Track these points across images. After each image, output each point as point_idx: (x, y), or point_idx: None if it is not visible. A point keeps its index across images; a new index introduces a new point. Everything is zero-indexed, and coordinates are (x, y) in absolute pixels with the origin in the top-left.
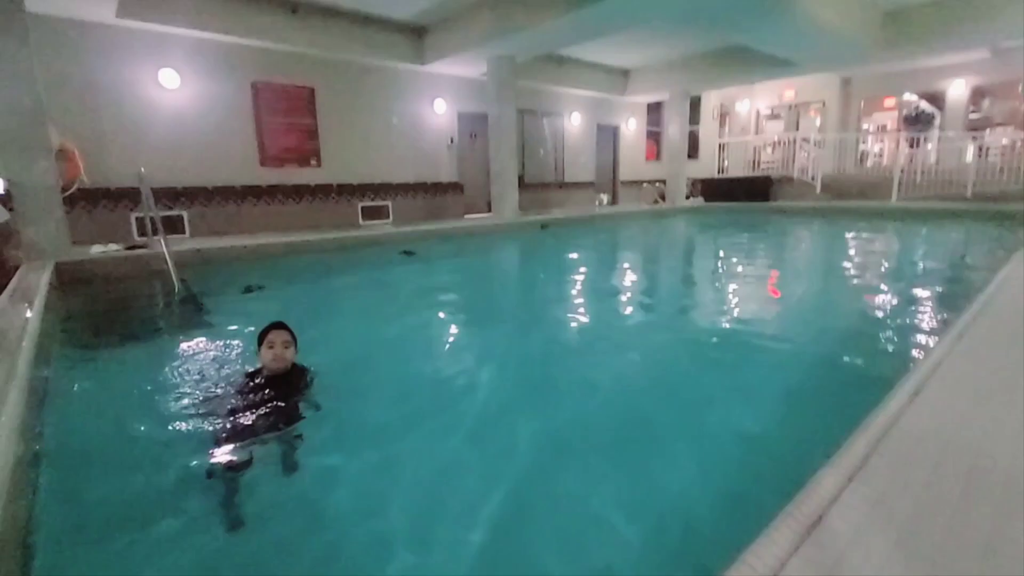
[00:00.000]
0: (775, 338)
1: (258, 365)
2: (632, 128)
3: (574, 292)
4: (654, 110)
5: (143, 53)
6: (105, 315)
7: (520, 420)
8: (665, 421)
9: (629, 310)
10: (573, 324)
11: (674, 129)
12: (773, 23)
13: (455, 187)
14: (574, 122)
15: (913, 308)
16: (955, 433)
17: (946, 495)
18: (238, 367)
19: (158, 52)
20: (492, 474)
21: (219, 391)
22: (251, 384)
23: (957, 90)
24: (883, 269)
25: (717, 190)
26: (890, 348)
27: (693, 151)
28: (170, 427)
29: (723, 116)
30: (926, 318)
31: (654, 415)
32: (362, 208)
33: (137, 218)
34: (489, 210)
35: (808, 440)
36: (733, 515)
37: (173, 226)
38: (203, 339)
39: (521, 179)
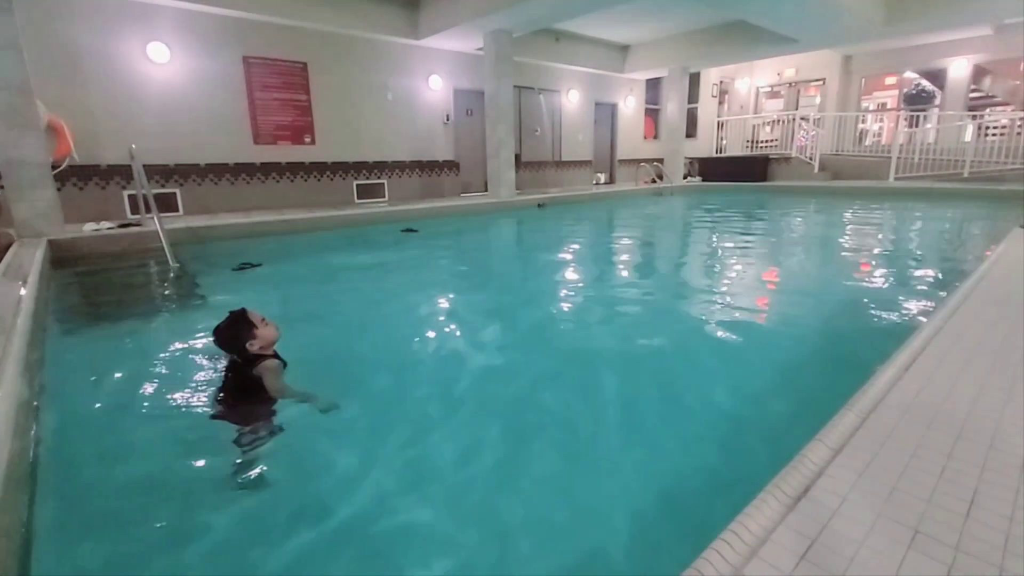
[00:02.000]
0: (767, 317)
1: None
2: (631, 106)
3: (570, 271)
4: (653, 87)
5: (131, 26)
6: (100, 293)
7: (518, 399)
8: (662, 399)
9: (624, 287)
10: (570, 301)
11: (672, 107)
12: None
13: (451, 165)
14: (572, 99)
15: (907, 286)
16: (944, 406)
17: (932, 466)
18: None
19: (146, 25)
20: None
21: (218, 368)
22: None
23: (959, 68)
24: (879, 248)
25: (715, 169)
26: (883, 324)
27: (691, 130)
28: (167, 402)
29: (722, 94)
30: (920, 295)
31: (651, 391)
32: (357, 186)
33: (130, 196)
34: (485, 189)
35: (798, 412)
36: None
37: (166, 204)
38: (199, 316)
39: (518, 157)
